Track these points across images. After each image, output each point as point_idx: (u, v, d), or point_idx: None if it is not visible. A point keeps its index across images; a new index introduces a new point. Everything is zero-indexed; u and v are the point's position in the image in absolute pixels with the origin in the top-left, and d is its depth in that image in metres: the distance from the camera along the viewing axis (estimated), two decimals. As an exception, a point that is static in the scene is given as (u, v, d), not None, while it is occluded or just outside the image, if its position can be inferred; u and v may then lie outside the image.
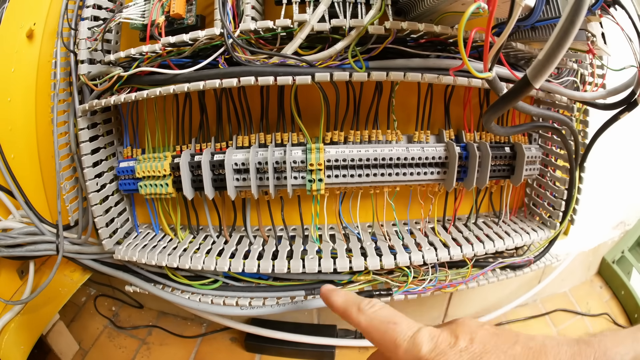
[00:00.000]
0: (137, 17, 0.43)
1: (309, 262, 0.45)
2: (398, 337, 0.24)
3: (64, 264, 0.57)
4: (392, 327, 0.25)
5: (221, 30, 0.37)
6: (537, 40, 0.40)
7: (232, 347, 0.68)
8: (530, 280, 0.74)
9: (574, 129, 0.43)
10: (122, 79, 0.41)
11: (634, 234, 0.82)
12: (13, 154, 0.52)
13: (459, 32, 0.25)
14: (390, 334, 0.25)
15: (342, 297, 0.30)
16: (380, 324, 0.26)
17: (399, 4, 0.39)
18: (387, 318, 0.26)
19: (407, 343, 0.24)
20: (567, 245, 0.60)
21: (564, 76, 0.47)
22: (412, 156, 0.42)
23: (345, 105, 0.44)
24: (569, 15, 0.22)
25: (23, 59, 0.52)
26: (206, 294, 0.49)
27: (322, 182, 0.41)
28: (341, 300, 0.30)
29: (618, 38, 0.37)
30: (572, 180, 0.46)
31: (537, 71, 0.25)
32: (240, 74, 0.37)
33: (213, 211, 0.50)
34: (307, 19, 0.37)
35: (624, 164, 0.71)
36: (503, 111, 0.32)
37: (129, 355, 0.66)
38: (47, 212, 0.54)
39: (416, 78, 0.37)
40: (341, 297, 0.30)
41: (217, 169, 0.43)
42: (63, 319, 0.64)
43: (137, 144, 0.51)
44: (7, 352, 0.50)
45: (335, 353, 0.63)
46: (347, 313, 0.29)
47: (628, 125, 0.47)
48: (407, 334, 0.24)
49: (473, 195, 0.52)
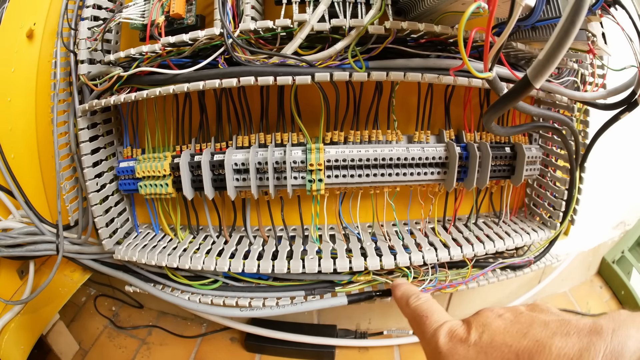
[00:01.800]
0: (137, 17, 0.43)
1: (309, 262, 0.45)
2: (425, 330, 0.27)
3: (64, 264, 0.57)
4: (424, 321, 0.27)
5: (221, 30, 0.37)
6: (538, 40, 0.40)
7: (232, 347, 0.68)
8: (530, 281, 0.74)
9: (575, 129, 0.42)
10: (122, 79, 0.41)
11: (634, 234, 0.81)
12: (13, 154, 0.52)
13: (459, 32, 0.25)
14: (421, 326, 0.27)
15: (400, 291, 0.33)
16: (417, 317, 0.28)
17: (399, 4, 0.39)
18: (423, 312, 0.28)
19: (429, 335, 0.26)
20: (567, 245, 0.60)
21: (565, 76, 0.47)
22: (412, 156, 0.42)
23: (345, 105, 0.44)
24: (569, 15, 0.22)
25: (23, 59, 0.52)
26: (206, 294, 0.49)
27: (322, 182, 0.41)
28: (399, 294, 0.32)
29: (618, 38, 0.37)
30: (573, 180, 0.46)
31: (537, 71, 0.24)
32: (240, 74, 0.37)
33: (213, 211, 0.50)
34: (307, 19, 0.37)
35: (624, 164, 0.70)
36: (503, 111, 0.32)
37: (129, 355, 0.66)
38: (47, 212, 0.54)
39: (416, 78, 0.37)
40: (400, 290, 0.33)
41: (217, 169, 0.43)
42: (63, 319, 0.64)
43: (137, 144, 0.51)
44: (7, 352, 0.50)
45: (335, 353, 0.63)
46: (400, 306, 0.32)
47: (628, 126, 0.47)
48: (432, 327, 0.26)
49: (473, 195, 0.51)
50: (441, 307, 0.29)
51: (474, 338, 0.23)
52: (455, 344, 0.24)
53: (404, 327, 0.65)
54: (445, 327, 0.25)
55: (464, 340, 0.24)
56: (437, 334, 0.25)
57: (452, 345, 0.24)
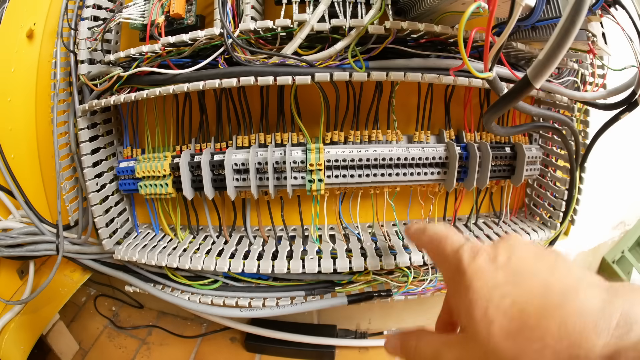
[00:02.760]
0: (137, 17, 0.43)
1: (309, 262, 0.45)
2: (445, 250, 0.25)
3: (64, 264, 0.57)
4: (443, 242, 0.25)
5: (221, 30, 0.37)
6: (538, 40, 0.39)
7: (232, 347, 0.68)
8: (530, 281, 0.74)
9: (575, 129, 0.42)
10: (122, 79, 0.41)
11: (634, 234, 0.81)
12: (13, 154, 0.52)
13: (459, 32, 0.25)
14: (440, 248, 0.25)
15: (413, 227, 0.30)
16: (434, 241, 0.26)
17: (399, 4, 0.39)
18: (441, 234, 0.26)
19: (451, 255, 0.24)
20: (567, 246, 0.60)
21: (565, 76, 0.47)
22: (412, 156, 0.42)
23: (345, 105, 0.44)
24: (569, 15, 0.21)
25: (23, 59, 0.52)
26: (206, 294, 0.49)
27: (322, 182, 0.41)
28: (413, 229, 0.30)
29: (619, 38, 0.37)
30: (573, 180, 0.46)
31: (537, 71, 0.24)
32: (240, 74, 0.37)
33: (213, 211, 0.50)
34: (307, 19, 0.37)
35: (624, 164, 0.70)
36: (503, 111, 0.32)
37: (129, 355, 0.66)
38: (47, 212, 0.54)
39: (416, 78, 0.37)
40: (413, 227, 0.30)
41: (217, 169, 0.43)
42: (63, 319, 0.64)
43: (137, 144, 0.51)
44: (7, 352, 0.50)
45: (335, 353, 0.63)
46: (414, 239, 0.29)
47: (628, 126, 0.47)
48: (454, 247, 0.24)
49: (473, 195, 0.51)
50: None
51: (501, 260, 0.21)
52: (481, 264, 0.21)
53: (404, 327, 0.65)
54: (467, 247, 0.23)
55: (491, 260, 0.21)
56: (459, 252, 0.23)
57: (477, 266, 0.21)
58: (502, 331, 0.19)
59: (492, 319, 0.20)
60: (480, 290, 0.21)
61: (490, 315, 0.20)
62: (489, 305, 0.20)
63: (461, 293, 0.22)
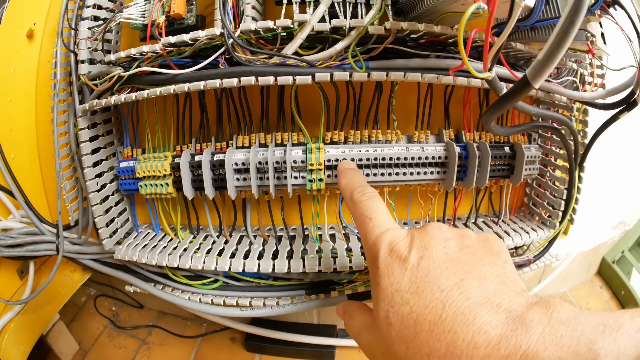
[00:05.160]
0: (138, 17, 0.43)
1: (309, 261, 0.45)
2: (367, 233, 0.25)
3: (64, 264, 0.57)
4: (367, 222, 0.25)
5: (221, 30, 0.37)
6: (537, 40, 0.40)
7: (232, 347, 0.68)
8: (530, 280, 0.74)
9: (574, 129, 0.43)
10: (123, 79, 0.41)
11: (634, 234, 0.82)
12: (13, 154, 0.52)
13: (459, 32, 0.26)
14: (364, 229, 0.25)
15: (345, 179, 0.31)
16: (359, 216, 0.26)
17: (399, 4, 0.39)
18: (366, 211, 0.26)
19: (371, 242, 0.24)
20: (567, 245, 0.60)
21: (564, 76, 0.47)
22: (412, 156, 0.42)
23: (345, 105, 0.44)
24: (568, 16, 0.22)
25: (23, 59, 0.52)
26: (206, 294, 0.49)
27: (323, 182, 0.41)
28: (344, 183, 0.30)
29: (618, 38, 0.37)
30: (572, 180, 0.46)
31: (536, 71, 0.25)
32: (241, 74, 0.37)
33: (213, 211, 0.50)
34: (308, 19, 0.37)
35: (624, 164, 0.71)
36: (503, 111, 0.32)
37: (129, 355, 0.66)
38: (47, 212, 0.54)
39: (416, 78, 0.37)
40: (345, 178, 0.31)
41: (218, 168, 0.43)
42: (63, 319, 0.64)
43: (137, 144, 0.51)
44: (7, 352, 0.50)
45: (335, 353, 0.63)
46: (344, 197, 0.29)
47: (628, 125, 0.47)
48: (374, 233, 0.24)
49: (473, 194, 0.52)
50: (386, 207, 0.27)
51: (412, 261, 0.22)
52: (393, 262, 0.22)
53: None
54: (387, 237, 0.23)
55: (403, 260, 0.22)
56: (378, 243, 0.23)
57: (389, 262, 0.22)
58: (398, 336, 0.20)
59: (391, 322, 0.21)
60: (385, 291, 0.22)
61: (390, 319, 0.21)
62: (389, 309, 0.21)
63: (373, 284, 0.23)
